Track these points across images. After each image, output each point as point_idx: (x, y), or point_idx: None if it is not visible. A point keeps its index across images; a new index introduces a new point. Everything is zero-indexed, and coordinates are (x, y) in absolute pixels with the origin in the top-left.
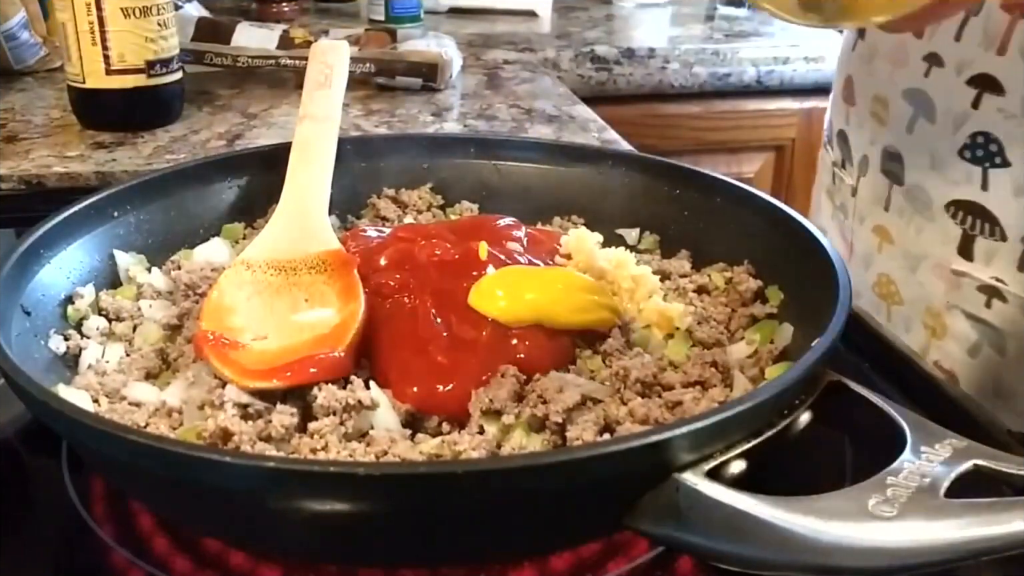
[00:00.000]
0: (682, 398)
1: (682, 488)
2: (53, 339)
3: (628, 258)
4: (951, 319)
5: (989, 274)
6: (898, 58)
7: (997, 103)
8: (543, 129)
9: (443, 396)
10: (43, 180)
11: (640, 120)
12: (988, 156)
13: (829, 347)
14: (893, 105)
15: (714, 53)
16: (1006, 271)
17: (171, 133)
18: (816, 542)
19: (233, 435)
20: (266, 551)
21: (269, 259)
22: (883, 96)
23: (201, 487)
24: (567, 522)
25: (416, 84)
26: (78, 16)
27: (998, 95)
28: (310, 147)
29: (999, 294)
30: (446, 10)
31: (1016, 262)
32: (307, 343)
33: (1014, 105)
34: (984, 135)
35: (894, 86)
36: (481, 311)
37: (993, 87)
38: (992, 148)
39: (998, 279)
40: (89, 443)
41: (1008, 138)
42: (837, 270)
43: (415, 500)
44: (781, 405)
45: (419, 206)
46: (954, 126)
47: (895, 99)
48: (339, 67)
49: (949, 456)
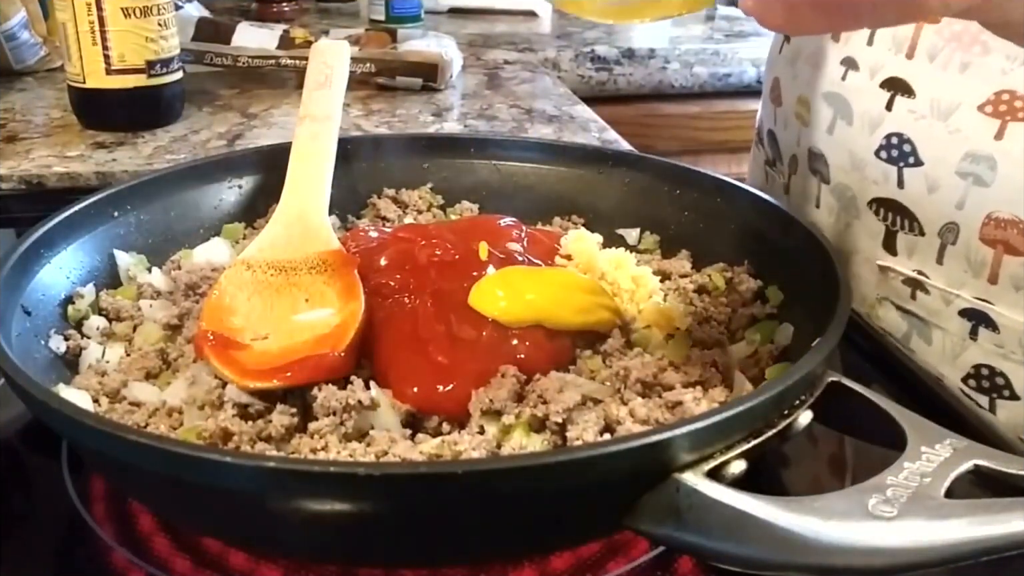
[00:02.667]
0: (682, 398)
1: (682, 488)
2: (53, 339)
3: (628, 258)
4: (883, 310)
5: (911, 267)
6: (818, 62)
7: (908, 105)
8: (543, 129)
9: (443, 396)
10: (43, 180)
11: (640, 120)
12: (903, 156)
13: (829, 347)
14: (815, 107)
15: (714, 53)
16: (927, 264)
17: (171, 133)
18: (816, 542)
19: (233, 435)
20: (266, 551)
21: (269, 259)
22: (806, 98)
23: (201, 487)
24: (567, 522)
25: (416, 84)
26: (78, 16)
27: (909, 97)
28: (310, 147)
29: (922, 286)
30: (446, 10)
31: (935, 255)
32: (307, 343)
33: (924, 106)
34: (898, 136)
35: (815, 89)
36: (481, 311)
37: (904, 90)
38: (906, 148)
39: (920, 272)
40: (89, 443)
41: (920, 138)
42: (837, 270)
43: (415, 500)
44: (781, 405)
45: (419, 206)
46: (870, 128)
47: (816, 101)
48: (339, 67)
49: (949, 456)
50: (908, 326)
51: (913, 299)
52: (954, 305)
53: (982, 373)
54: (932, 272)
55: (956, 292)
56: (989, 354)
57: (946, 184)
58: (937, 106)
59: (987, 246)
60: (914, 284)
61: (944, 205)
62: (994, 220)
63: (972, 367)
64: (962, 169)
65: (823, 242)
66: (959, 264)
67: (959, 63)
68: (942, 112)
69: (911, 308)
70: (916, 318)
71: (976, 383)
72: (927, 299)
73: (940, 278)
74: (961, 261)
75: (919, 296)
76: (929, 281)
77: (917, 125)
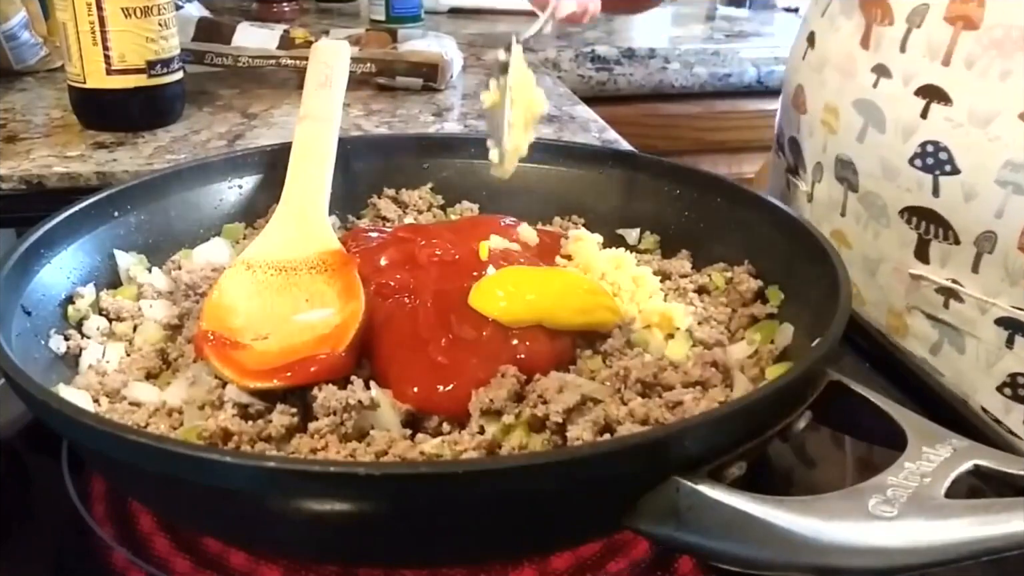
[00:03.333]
0: (682, 398)
1: (682, 489)
2: (53, 339)
3: (628, 259)
4: (912, 319)
5: (945, 276)
6: (847, 69)
7: (945, 112)
8: (543, 129)
9: (443, 396)
10: (44, 180)
11: (640, 120)
12: (938, 164)
13: (829, 347)
14: (844, 114)
15: (714, 53)
16: (961, 273)
17: (172, 133)
18: (816, 542)
19: (233, 435)
20: (266, 551)
21: (269, 259)
22: (833, 106)
23: (201, 487)
24: (567, 522)
25: (417, 84)
26: (79, 16)
27: (946, 105)
28: (310, 147)
29: (956, 295)
30: (447, 10)
31: (970, 264)
32: (307, 343)
33: (961, 115)
34: (934, 144)
35: (844, 96)
36: (481, 311)
37: (940, 97)
38: (942, 156)
39: (954, 280)
40: (89, 443)
41: (957, 146)
42: (837, 270)
43: (415, 500)
44: (781, 405)
45: (419, 206)
46: (904, 136)
47: (845, 109)
48: (339, 67)
49: (949, 456)
50: (939, 335)
51: (946, 308)
52: (990, 314)
53: (1018, 382)
54: (967, 281)
55: (992, 301)
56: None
57: (984, 192)
58: (975, 114)
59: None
60: (947, 293)
61: (982, 213)
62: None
63: (1008, 376)
64: (1001, 178)
65: (823, 242)
66: (996, 273)
67: (999, 71)
68: (981, 120)
69: (943, 317)
70: (948, 327)
71: (1012, 391)
72: (961, 308)
73: (975, 287)
74: (998, 270)
75: (952, 305)
76: (963, 290)
77: (954, 133)
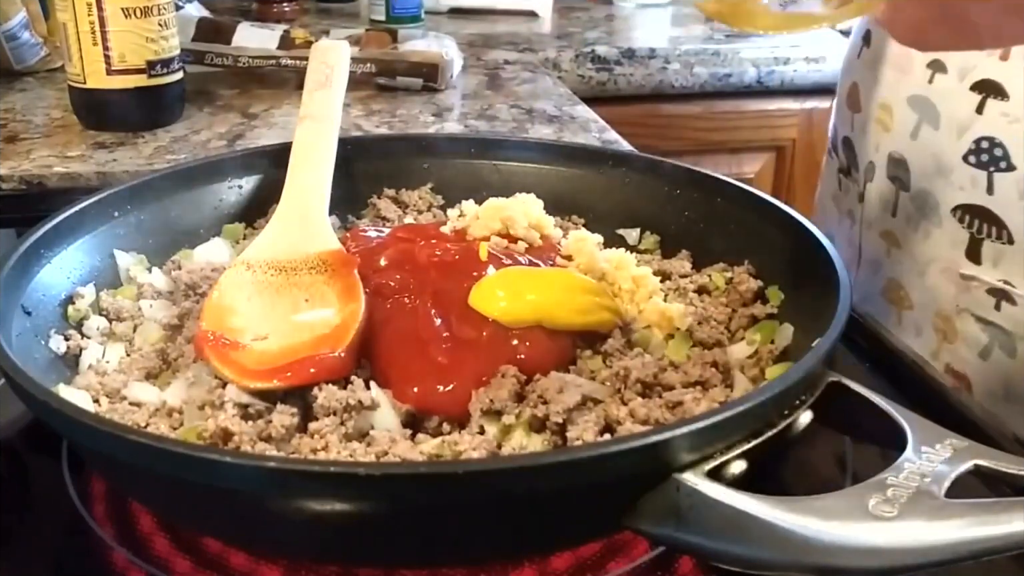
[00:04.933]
0: (683, 398)
1: (682, 488)
2: (53, 339)
3: (628, 259)
4: (961, 322)
5: (997, 277)
6: (902, 65)
7: (1001, 107)
8: (544, 129)
9: (443, 396)
10: (44, 180)
11: (640, 120)
12: (993, 160)
13: (829, 347)
14: (898, 111)
15: (715, 53)
16: (1014, 273)
17: (172, 133)
18: (816, 542)
19: (233, 435)
20: (266, 551)
21: (269, 259)
22: (888, 103)
23: (201, 487)
24: (567, 522)
25: (417, 84)
26: (79, 16)
27: (1002, 100)
28: (310, 147)
29: (1008, 297)
30: (447, 10)
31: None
32: (307, 343)
33: (1019, 109)
34: (989, 140)
35: (898, 93)
36: (481, 311)
37: (997, 92)
38: (997, 152)
39: (1007, 282)
40: (89, 443)
41: (1013, 142)
42: (838, 270)
43: (416, 500)
44: (781, 405)
45: (419, 206)
46: (958, 132)
47: (899, 105)
48: (340, 67)
49: (949, 456)
50: (989, 339)
51: (997, 310)
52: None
53: None
54: (1020, 282)
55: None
56: None
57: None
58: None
59: None
60: (999, 294)
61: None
62: None
63: None
64: None
65: (823, 242)
66: None
67: None
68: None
69: (994, 320)
70: (999, 330)
71: None
72: (1013, 311)
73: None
74: None
75: (1004, 307)
76: (1016, 291)
77: (1011, 128)
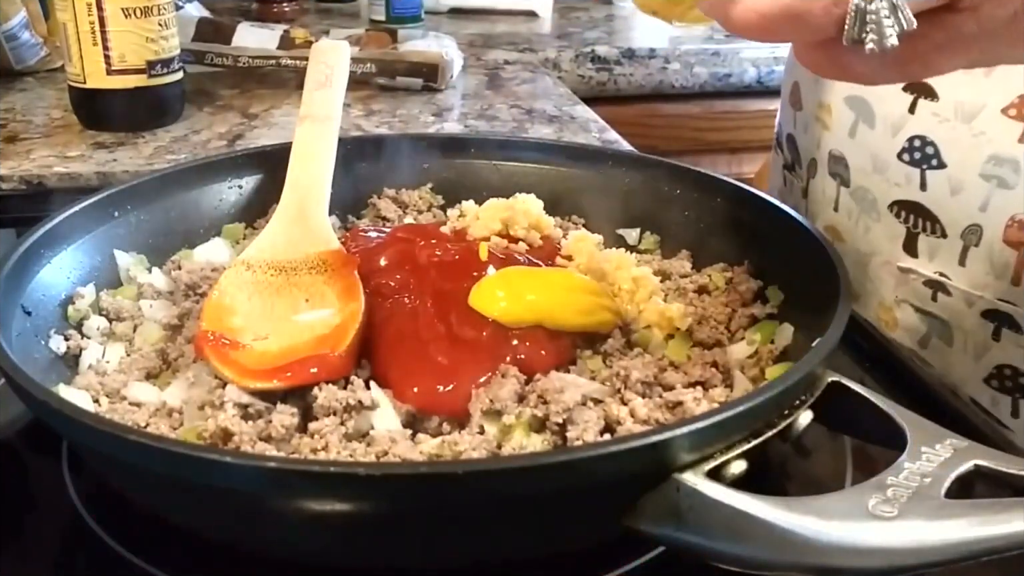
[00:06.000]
0: (683, 398)
1: (682, 488)
2: (53, 339)
3: (628, 259)
4: (901, 313)
5: (933, 269)
6: None
7: (932, 108)
8: (544, 129)
9: (444, 396)
10: (44, 180)
11: (640, 120)
12: (925, 158)
13: (829, 347)
14: (836, 110)
15: (715, 53)
16: (948, 266)
17: (172, 133)
18: (816, 542)
19: (233, 435)
20: (266, 551)
21: (269, 259)
22: (826, 102)
23: (201, 487)
24: (567, 522)
25: (417, 84)
26: (79, 16)
27: (932, 100)
28: (310, 147)
29: (943, 288)
30: (447, 10)
31: (957, 257)
32: (307, 343)
33: (947, 110)
34: (920, 139)
35: (836, 92)
36: (481, 311)
37: (927, 93)
38: (929, 151)
39: (942, 274)
40: (89, 443)
41: (943, 141)
42: (838, 270)
43: (416, 500)
44: (781, 405)
45: (419, 206)
46: (892, 131)
47: (838, 105)
48: (340, 67)
49: (949, 456)
50: (928, 328)
51: (934, 301)
52: (976, 306)
53: (1005, 373)
54: (954, 274)
55: (979, 293)
56: (1012, 355)
57: (969, 186)
58: (961, 109)
59: (1011, 248)
60: (935, 286)
61: (967, 207)
62: (1018, 222)
63: (995, 367)
64: (986, 172)
65: (823, 242)
66: (982, 266)
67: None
68: (966, 115)
69: (931, 310)
70: (937, 320)
71: (999, 383)
72: (949, 301)
73: (962, 280)
74: (984, 263)
75: (940, 298)
76: (951, 283)
77: (941, 128)
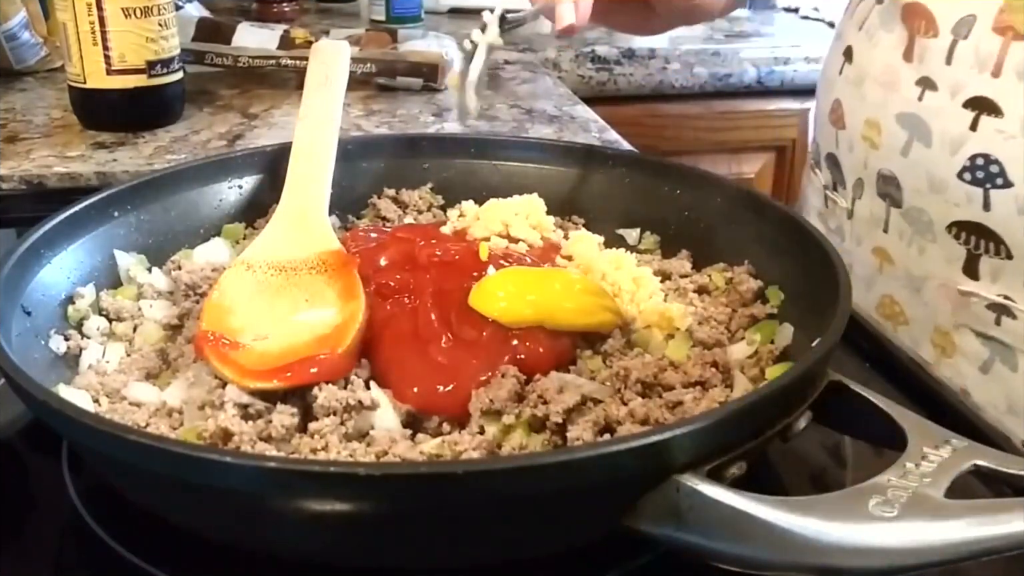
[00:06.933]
0: (683, 398)
1: (682, 488)
2: (53, 339)
3: (629, 259)
4: (960, 337)
5: (997, 292)
6: (889, 82)
7: (996, 124)
8: (544, 129)
9: (443, 396)
10: (44, 180)
11: (640, 120)
12: (989, 177)
13: (829, 347)
14: (886, 129)
15: (715, 54)
16: (1014, 288)
17: (172, 133)
18: (816, 542)
19: (233, 435)
20: (266, 551)
21: (269, 259)
22: (875, 120)
23: (201, 487)
24: (567, 522)
25: (417, 84)
26: (79, 16)
27: (997, 117)
28: (310, 147)
29: (1008, 311)
30: (447, 10)
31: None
32: (308, 343)
33: (1013, 126)
34: (984, 157)
35: (887, 110)
36: (481, 311)
37: (991, 109)
38: (993, 169)
39: (1007, 297)
40: (89, 443)
41: (1009, 159)
42: (838, 270)
43: (416, 500)
44: (781, 405)
45: (419, 206)
46: (951, 149)
47: (888, 123)
48: (340, 67)
49: (949, 456)
50: (990, 353)
51: (997, 325)
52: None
53: None
54: (1019, 297)
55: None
56: None
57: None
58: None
59: None
60: (999, 309)
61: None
62: None
63: None
64: None
65: (823, 242)
66: None
67: None
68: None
69: (994, 334)
70: (1000, 344)
71: None
72: (1013, 324)
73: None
74: None
75: (1004, 321)
76: (1016, 305)
77: (1006, 145)
